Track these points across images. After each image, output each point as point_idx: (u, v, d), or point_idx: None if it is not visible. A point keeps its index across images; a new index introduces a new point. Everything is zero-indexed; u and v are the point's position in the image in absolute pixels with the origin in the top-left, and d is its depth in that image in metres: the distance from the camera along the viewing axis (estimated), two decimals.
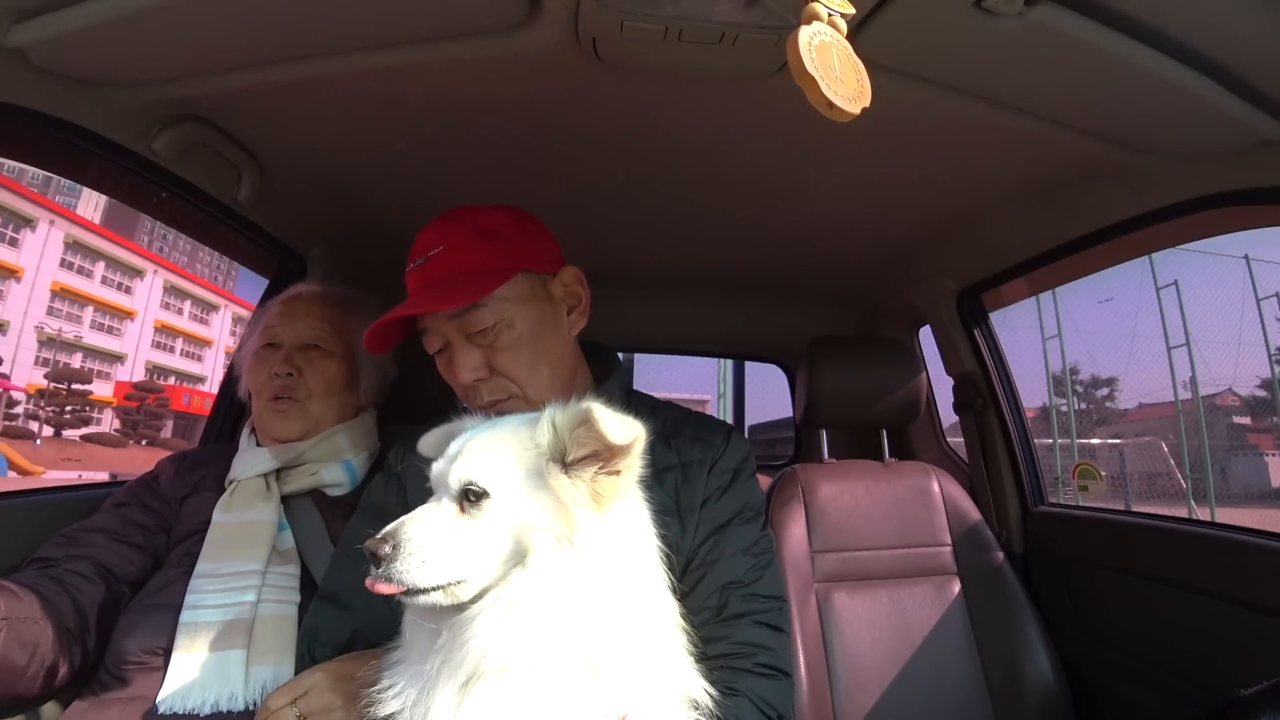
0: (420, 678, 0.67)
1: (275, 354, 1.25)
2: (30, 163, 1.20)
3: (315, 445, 1.23)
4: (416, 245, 1.00)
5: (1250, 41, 0.87)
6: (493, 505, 0.67)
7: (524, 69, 1.03)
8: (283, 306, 1.32)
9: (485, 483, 0.67)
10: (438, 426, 0.81)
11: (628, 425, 0.68)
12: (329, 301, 1.33)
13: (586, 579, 0.66)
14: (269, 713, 0.81)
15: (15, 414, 28.10)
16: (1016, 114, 1.07)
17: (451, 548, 0.66)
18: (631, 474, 0.71)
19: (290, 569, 1.12)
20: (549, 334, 1.00)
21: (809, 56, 0.63)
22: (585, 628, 0.65)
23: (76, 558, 1.06)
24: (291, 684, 0.84)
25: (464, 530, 0.67)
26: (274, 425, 1.22)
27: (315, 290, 1.36)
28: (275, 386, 1.22)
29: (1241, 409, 17.18)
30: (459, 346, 0.97)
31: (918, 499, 1.64)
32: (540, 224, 1.06)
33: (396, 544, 0.64)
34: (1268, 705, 0.61)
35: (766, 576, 0.96)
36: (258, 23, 0.93)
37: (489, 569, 0.66)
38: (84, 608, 1.02)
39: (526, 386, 0.97)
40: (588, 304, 1.07)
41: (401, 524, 0.66)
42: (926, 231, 1.67)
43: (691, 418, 1.08)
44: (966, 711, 1.43)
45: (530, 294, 0.99)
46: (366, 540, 0.65)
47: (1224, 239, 3.74)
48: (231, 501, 1.15)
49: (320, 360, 1.27)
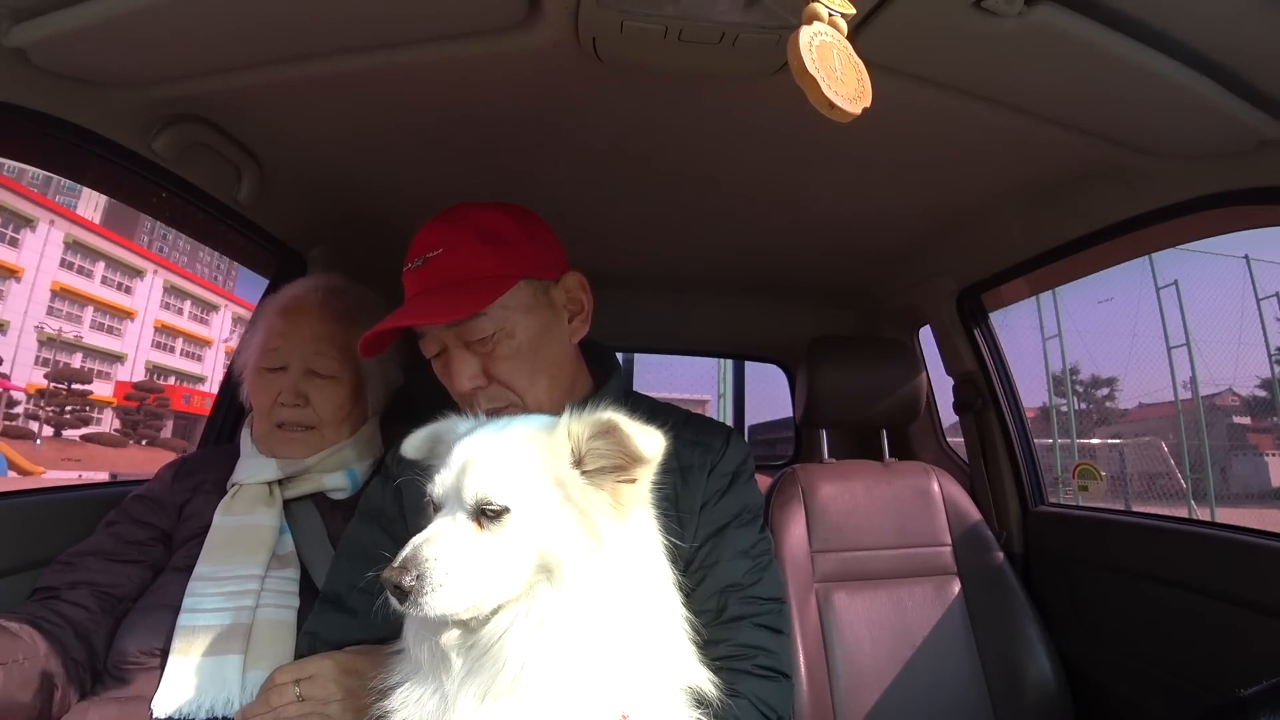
0: (438, 688, 0.66)
1: (280, 377, 1.21)
2: (30, 163, 1.20)
3: (323, 460, 1.22)
4: (415, 245, 0.97)
5: (1250, 41, 0.87)
6: (514, 520, 0.64)
7: (524, 69, 1.03)
8: (285, 321, 1.25)
9: (505, 498, 0.64)
10: (422, 428, 0.79)
11: (654, 437, 0.67)
12: (332, 317, 1.26)
13: (614, 590, 0.65)
14: (273, 684, 0.82)
15: (15, 414, 28.10)
16: (1016, 114, 1.07)
17: (477, 569, 0.63)
18: (648, 481, 0.71)
19: (289, 573, 1.12)
20: (549, 342, 0.99)
21: (810, 56, 0.63)
22: (614, 638, 0.65)
23: (76, 585, 1.06)
24: (300, 664, 0.84)
25: (486, 548, 0.64)
26: (281, 448, 1.20)
27: (317, 302, 1.27)
28: (282, 415, 1.20)
29: (1241, 409, 17.18)
30: (457, 354, 0.96)
31: (918, 499, 1.64)
32: (543, 225, 1.04)
33: (420, 573, 0.61)
34: (1268, 705, 0.61)
35: (765, 579, 0.96)
36: (258, 23, 0.93)
37: (514, 585, 0.64)
38: (88, 636, 1.02)
39: (526, 395, 0.96)
40: (590, 311, 1.05)
41: (418, 549, 0.63)
42: (926, 231, 1.67)
43: (691, 420, 1.07)
44: (966, 711, 1.43)
45: (531, 302, 0.97)
46: (384, 571, 0.62)
47: (1224, 239, 3.74)
48: (233, 505, 1.15)
49: (328, 387, 1.23)
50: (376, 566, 0.84)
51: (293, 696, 0.80)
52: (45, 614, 1.01)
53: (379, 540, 0.95)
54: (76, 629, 1.01)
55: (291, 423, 1.20)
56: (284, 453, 1.20)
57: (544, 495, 0.66)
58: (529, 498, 0.65)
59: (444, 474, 0.68)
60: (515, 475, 0.66)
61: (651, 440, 0.66)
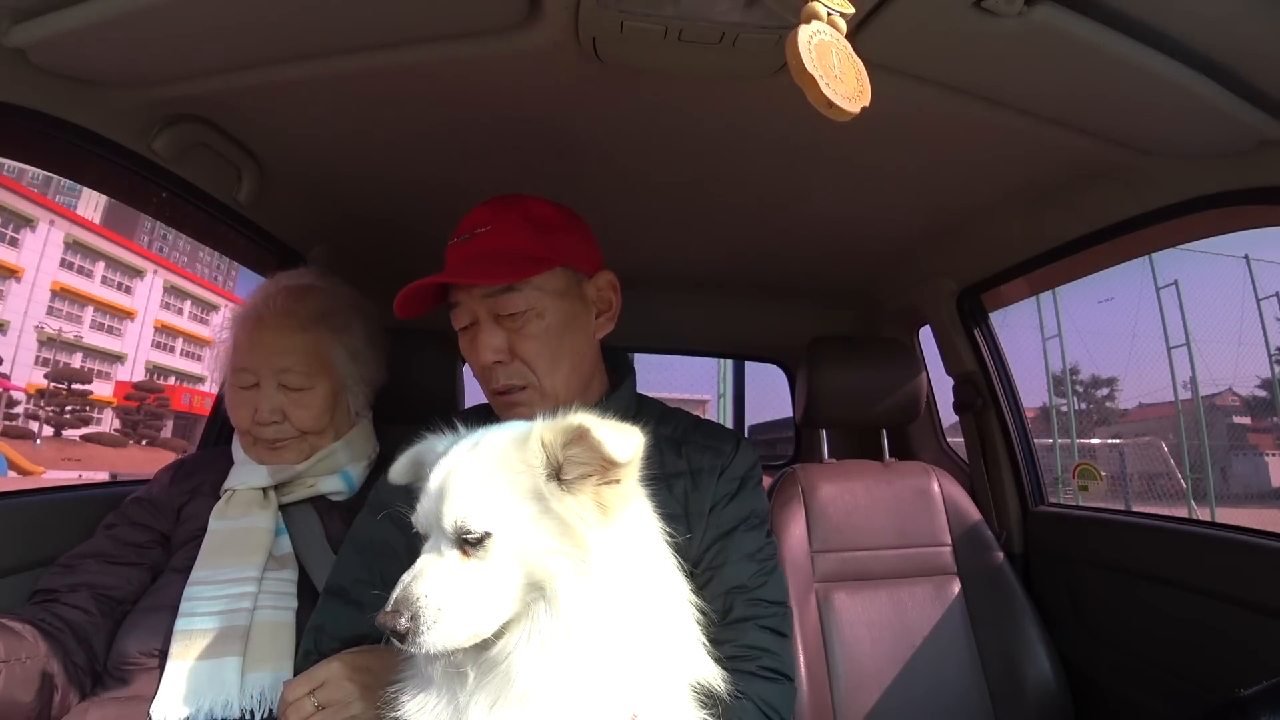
0: (452, 699, 0.65)
1: (253, 395, 1.18)
2: (30, 163, 1.20)
3: (313, 465, 1.21)
4: (464, 222, 1.01)
5: (1250, 41, 0.87)
6: (497, 543, 0.64)
7: (524, 69, 1.03)
8: (247, 336, 1.20)
9: (483, 523, 0.63)
10: (406, 451, 0.78)
11: (627, 439, 0.64)
12: (296, 327, 1.21)
13: (611, 598, 0.64)
14: (287, 704, 0.80)
15: (15, 414, 28.10)
16: (1016, 114, 1.07)
17: (469, 601, 0.62)
18: (632, 480, 0.69)
19: (287, 574, 1.11)
20: (575, 332, 1.01)
21: (809, 55, 0.63)
22: (616, 645, 0.64)
23: (75, 588, 1.06)
24: (308, 675, 0.83)
25: (474, 577, 0.63)
26: (269, 457, 1.19)
27: (277, 311, 1.22)
28: (262, 432, 1.18)
29: (1241, 409, 17.19)
30: (485, 325, 0.97)
31: (918, 499, 1.64)
32: (587, 227, 1.08)
33: (414, 614, 0.61)
34: (1268, 705, 0.61)
35: (771, 582, 0.97)
36: (258, 23, 0.93)
37: (509, 607, 0.64)
38: (88, 639, 1.02)
39: (544, 378, 0.98)
40: (617, 311, 1.08)
41: (408, 588, 0.63)
42: (926, 231, 1.67)
43: (701, 425, 1.09)
44: (966, 711, 1.43)
45: (566, 289, 1.00)
46: (378, 616, 0.62)
47: (1224, 239, 3.74)
48: (227, 509, 1.14)
49: (304, 398, 1.20)
50: (384, 561, 0.84)
51: (311, 708, 0.79)
52: (45, 616, 1.01)
53: (389, 533, 0.95)
54: (76, 632, 1.02)
55: (273, 438, 1.19)
56: (272, 460, 1.20)
57: (523, 513, 0.64)
58: (508, 519, 0.64)
59: (423, 502, 0.68)
60: (491, 497, 0.65)
61: (625, 443, 0.64)
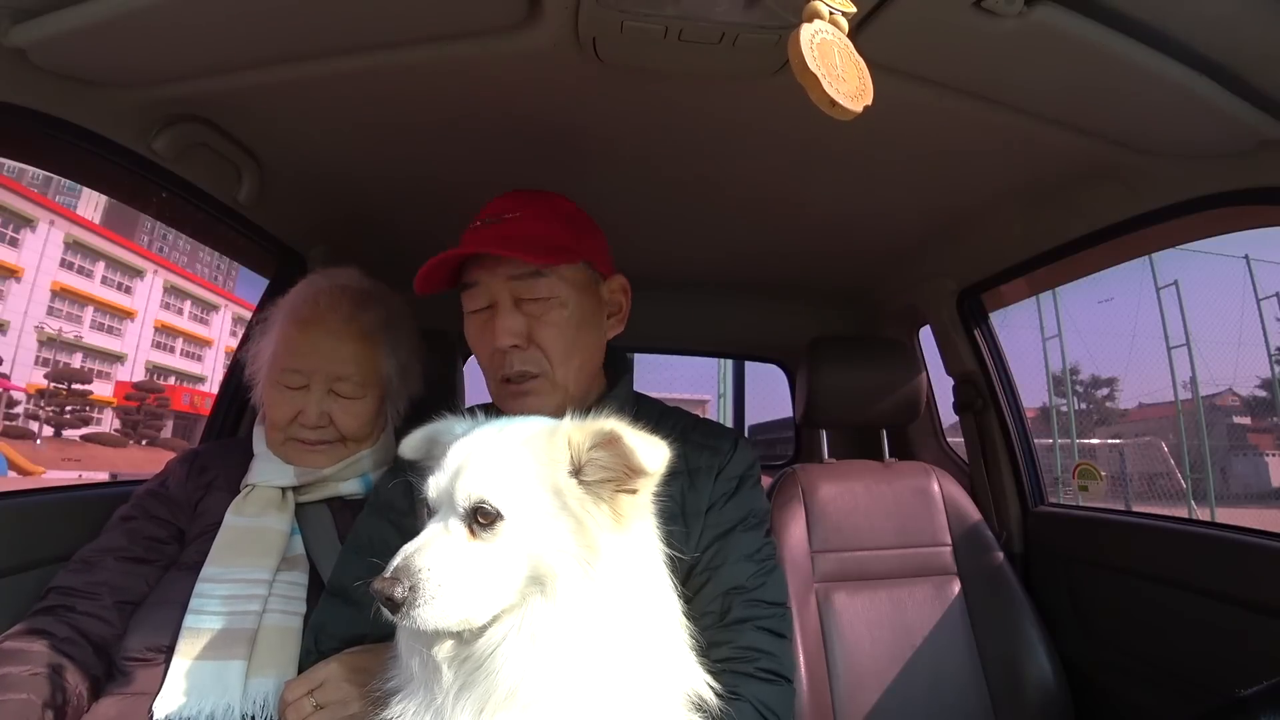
0: (431, 702, 0.65)
1: (300, 396, 1.16)
2: (30, 163, 1.20)
3: (341, 470, 1.20)
4: (489, 207, 1.01)
5: (1250, 41, 0.87)
6: (508, 528, 0.63)
7: (524, 69, 1.03)
8: (304, 338, 1.17)
9: (499, 503, 0.63)
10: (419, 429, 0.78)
11: (657, 449, 0.64)
12: (359, 335, 1.20)
13: (611, 604, 0.64)
14: (286, 704, 0.81)
15: (15, 414, 28.10)
16: (1016, 114, 1.07)
17: (469, 580, 0.61)
18: (649, 492, 0.69)
19: (297, 576, 1.10)
20: (589, 328, 1.02)
21: (811, 54, 0.63)
22: (610, 653, 0.63)
23: (95, 590, 1.04)
24: (307, 676, 0.84)
25: (478, 557, 0.62)
26: (301, 458, 1.18)
27: (341, 319, 1.19)
28: (303, 434, 1.17)
29: (1241, 409, 17.20)
30: (504, 308, 0.97)
31: (918, 499, 1.64)
32: (602, 231, 1.09)
33: (413, 585, 0.60)
34: (1268, 705, 0.61)
35: (769, 582, 0.96)
36: (258, 23, 0.93)
37: (506, 596, 0.63)
38: (106, 648, 1.02)
39: (558, 368, 0.98)
40: (626, 314, 1.10)
41: (410, 558, 0.62)
42: (926, 231, 1.67)
43: (699, 424, 1.09)
44: (966, 711, 1.43)
45: (586, 284, 1.02)
46: (375, 582, 0.61)
47: (1224, 239, 3.73)
48: (244, 506, 1.13)
49: (353, 406, 1.19)
50: (383, 561, 0.83)
51: (311, 708, 0.80)
52: (61, 630, 0.99)
53: (388, 535, 0.95)
54: (94, 642, 1.00)
55: (315, 440, 1.18)
56: (303, 462, 1.18)
57: (540, 503, 0.64)
58: (524, 505, 0.64)
59: (438, 476, 0.67)
60: (511, 480, 0.64)
61: (655, 453, 0.64)
